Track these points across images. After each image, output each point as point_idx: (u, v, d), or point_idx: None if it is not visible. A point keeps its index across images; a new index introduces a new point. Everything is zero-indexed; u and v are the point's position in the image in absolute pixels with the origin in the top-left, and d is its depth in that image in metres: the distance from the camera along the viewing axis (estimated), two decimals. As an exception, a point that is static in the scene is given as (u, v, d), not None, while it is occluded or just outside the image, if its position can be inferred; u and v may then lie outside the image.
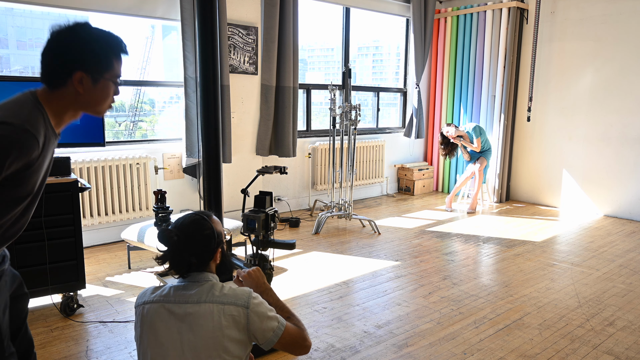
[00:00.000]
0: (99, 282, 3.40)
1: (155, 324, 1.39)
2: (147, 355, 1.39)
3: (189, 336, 1.36)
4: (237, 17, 4.81)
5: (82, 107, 1.30)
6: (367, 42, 7.24)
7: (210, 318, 1.36)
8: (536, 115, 5.98)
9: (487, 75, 6.09)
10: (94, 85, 1.27)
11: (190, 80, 4.38)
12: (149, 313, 1.41)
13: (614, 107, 5.33)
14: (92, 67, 1.25)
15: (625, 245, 4.40)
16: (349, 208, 4.94)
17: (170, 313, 1.38)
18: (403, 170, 6.69)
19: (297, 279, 3.49)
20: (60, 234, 2.80)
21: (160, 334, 1.38)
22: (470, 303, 3.11)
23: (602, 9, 5.31)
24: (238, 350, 1.38)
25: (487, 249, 4.25)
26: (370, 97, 6.56)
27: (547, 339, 2.64)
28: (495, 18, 5.93)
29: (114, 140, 4.41)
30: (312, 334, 2.68)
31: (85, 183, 2.93)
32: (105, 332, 2.68)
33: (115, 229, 4.33)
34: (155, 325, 1.39)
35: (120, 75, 1.33)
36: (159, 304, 1.40)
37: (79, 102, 1.28)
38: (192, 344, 1.35)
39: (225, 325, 1.36)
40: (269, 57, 4.95)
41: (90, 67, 1.25)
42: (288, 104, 5.11)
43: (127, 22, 4.45)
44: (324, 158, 5.76)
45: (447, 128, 5.62)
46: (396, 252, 4.14)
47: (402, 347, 2.54)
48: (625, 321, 2.87)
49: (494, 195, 6.15)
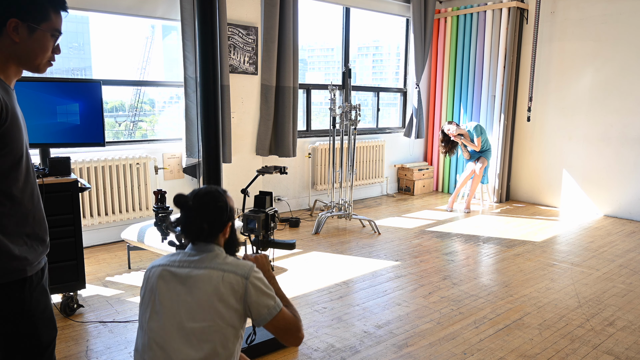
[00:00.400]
0: (99, 282, 3.40)
1: (157, 284, 1.44)
2: (145, 314, 1.43)
3: (187, 298, 1.39)
4: (237, 17, 4.81)
5: (21, 60, 1.30)
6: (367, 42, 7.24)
7: (209, 282, 1.39)
8: (536, 115, 5.98)
9: (487, 75, 6.09)
10: (30, 35, 1.27)
11: (190, 80, 4.38)
12: (154, 275, 1.46)
13: (614, 107, 5.33)
14: (27, 15, 1.25)
15: (625, 245, 4.40)
16: (349, 208, 4.94)
17: (173, 275, 1.43)
18: (403, 170, 6.69)
19: (297, 279, 3.49)
20: (60, 234, 2.80)
21: (160, 293, 1.42)
22: (470, 303, 3.11)
23: (602, 9, 5.31)
24: (233, 319, 1.39)
25: (487, 249, 4.25)
26: (370, 97, 6.56)
27: (547, 339, 2.64)
28: (495, 18, 5.93)
29: (114, 140, 4.41)
30: (312, 334, 2.68)
31: (85, 183, 2.93)
32: (105, 332, 2.68)
33: (115, 229, 4.33)
34: (157, 285, 1.43)
35: (59, 30, 1.32)
36: (165, 267, 1.46)
37: (17, 53, 1.28)
38: (189, 305, 1.38)
39: (222, 291, 1.38)
40: (269, 57, 4.95)
41: (25, 15, 1.24)
42: (288, 104, 5.11)
43: (127, 22, 4.45)
44: (324, 158, 5.76)
45: (448, 126, 5.62)
46: (396, 252, 4.14)
47: (402, 347, 2.54)
48: (625, 321, 2.87)
49: (494, 195, 6.15)
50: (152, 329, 1.40)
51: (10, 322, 1.30)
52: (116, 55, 4.51)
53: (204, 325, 1.37)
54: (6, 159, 1.24)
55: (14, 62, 1.30)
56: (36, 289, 1.35)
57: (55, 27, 1.31)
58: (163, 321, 1.39)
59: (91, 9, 3.99)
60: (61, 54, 1.38)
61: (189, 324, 1.37)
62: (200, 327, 1.37)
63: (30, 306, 1.32)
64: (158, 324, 1.40)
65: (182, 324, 1.38)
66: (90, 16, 4.27)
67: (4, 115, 1.21)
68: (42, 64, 1.33)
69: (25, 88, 2.85)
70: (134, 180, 4.29)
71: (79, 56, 4.45)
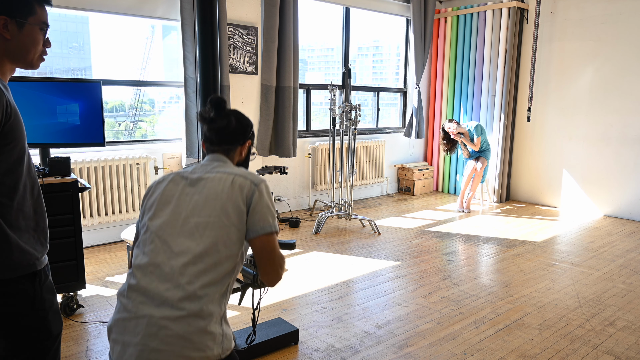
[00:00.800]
0: (99, 282, 3.40)
1: (166, 185, 1.47)
2: (147, 216, 1.44)
3: (195, 196, 1.42)
4: (237, 17, 4.81)
5: (14, 57, 1.33)
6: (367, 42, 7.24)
7: (218, 182, 1.42)
8: (536, 115, 5.98)
9: (487, 75, 6.09)
10: (20, 30, 1.30)
11: (190, 80, 4.38)
12: (164, 180, 1.49)
13: (614, 107, 5.33)
14: (14, 11, 1.29)
15: (625, 245, 4.40)
16: (349, 208, 4.94)
17: (183, 178, 1.47)
18: (403, 170, 6.68)
19: (297, 279, 3.49)
20: (60, 234, 2.80)
21: (167, 194, 1.45)
22: (470, 303, 3.11)
23: (602, 9, 5.31)
24: (237, 220, 1.39)
25: (487, 249, 4.25)
26: (370, 97, 6.56)
27: (547, 339, 2.64)
28: (495, 18, 5.93)
29: (114, 140, 4.41)
30: (312, 334, 2.68)
31: (85, 183, 2.93)
32: (105, 332, 2.67)
33: (115, 229, 4.33)
34: (166, 187, 1.46)
35: (46, 22, 1.36)
36: (177, 173, 1.50)
37: (9, 50, 1.31)
38: (195, 202, 1.41)
39: (230, 191, 1.40)
40: (269, 57, 4.95)
41: (12, 12, 1.28)
42: (288, 104, 5.11)
43: (127, 22, 4.45)
44: (324, 158, 5.76)
45: (449, 124, 5.62)
46: (396, 252, 4.14)
47: (402, 347, 2.54)
48: (625, 321, 2.87)
49: (494, 195, 6.15)
50: (154, 225, 1.41)
51: (22, 316, 1.33)
52: (116, 55, 4.51)
53: (208, 220, 1.37)
54: (13, 153, 1.28)
55: (7, 60, 1.33)
56: (44, 285, 1.38)
57: (42, 20, 1.35)
58: (167, 217, 1.41)
59: (91, 9, 3.99)
60: (61, 54, 1.40)
61: (193, 219, 1.38)
62: (204, 221, 1.37)
63: (41, 300, 1.35)
64: (161, 220, 1.41)
65: (187, 219, 1.39)
66: (90, 16, 4.27)
67: (9, 111, 1.25)
68: (34, 58, 1.36)
69: (25, 88, 2.85)
70: (134, 180, 4.29)
71: (79, 56, 4.45)
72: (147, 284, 1.33)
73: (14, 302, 1.31)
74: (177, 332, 1.28)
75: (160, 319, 1.29)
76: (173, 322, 1.29)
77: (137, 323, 1.30)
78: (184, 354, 1.28)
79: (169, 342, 1.28)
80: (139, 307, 1.31)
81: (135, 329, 1.30)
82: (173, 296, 1.30)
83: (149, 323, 1.29)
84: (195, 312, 1.30)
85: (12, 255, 1.27)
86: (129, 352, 1.30)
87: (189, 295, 1.30)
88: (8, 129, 1.25)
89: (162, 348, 1.27)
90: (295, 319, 2.86)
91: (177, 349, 1.28)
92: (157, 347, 1.27)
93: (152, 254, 1.36)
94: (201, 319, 1.30)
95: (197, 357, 1.29)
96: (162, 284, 1.32)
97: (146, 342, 1.28)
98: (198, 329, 1.30)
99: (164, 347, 1.27)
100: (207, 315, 1.31)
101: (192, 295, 1.30)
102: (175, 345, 1.28)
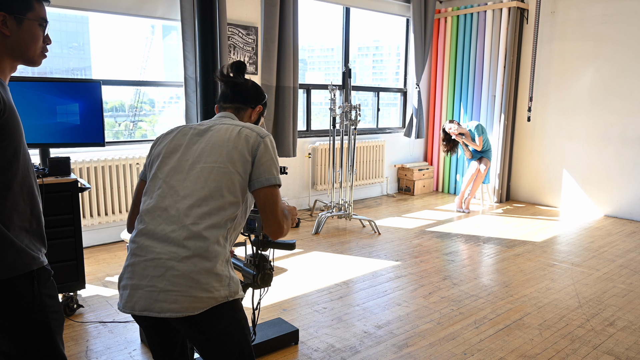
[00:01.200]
0: (98, 282, 3.40)
1: (175, 135, 1.52)
2: (158, 158, 1.49)
3: (201, 144, 1.46)
4: (237, 17, 4.81)
5: (14, 53, 1.34)
6: (367, 42, 7.23)
7: (225, 131, 1.48)
8: (536, 115, 5.97)
9: (487, 75, 6.09)
10: (19, 26, 1.31)
11: (190, 80, 4.38)
12: (172, 131, 1.54)
13: (614, 107, 5.33)
14: (12, 7, 1.29)
15: (625, 245, 4.40)
16: (349, 208, 4.94)
17: (191, 129, 1.52)
18: (403, 170, 6.68)
19: (297, 279, 3.49)
20: (60, 234, 2.80)
21: (176, 142, 1.50)
22: (471, 303, 3.11)
23: (602, 9, 5.31)
24: (241, 168, 1.43)
25: (487, 249, 4.25)
26: (370, 97, 6.56)
27: (547, 339, 2.64)
28: (495, 18, 5.93)
29: (113, 140, 4.41)
30: (312, 334, 2.68)
31: (85, 183, 2.93)
32: (105, 332, 2.67)
33: (115, 229, 4.33)
34: (174, 137, 1.52)
35: (45, 18, 1.37)
36: (185, 125, 1.55)
37: (9, 47, 1.32)
38: (202, 148, 1.45)
39: (237, 140, 1.45)
40: (269, 57, 4.95)
41: (10, 8, 1.29)
42: (288, 104, 5.11)
43: (127, 22, 4.45)
44: (324, 158, 5.75)
45: (450, 125, 5.62)
46: (396, 252, 4.14)
47: (402, 348, 2.54)
48: (625, 321, 2.87)
49: (494, 195, 6.14)
50: (162, 171, 1.46)
51: (22, 316, 1.32)
52: (116, 55, 4.51)
53: (213, 165, 1.41)
54: (6, 151, 1.27)
55: (8, 57, 1.33)
56: (46, 285, 1.37)
57: (41, 16, 1.35)
58: (174, 163, 1.45)
59: (91, 9, 3.99)
60: (61, 54, 1.40)
61: (199, 164, 1.42)
62: (210, 166, 1.41)
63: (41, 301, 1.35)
64: (168, 166, 1.46)
65: (193, 165, 1.43)
66: (90, 16, 4.27)
67: (2, 107, 1.24)
68: (36, 55, 1.37)
69: (25, 88, 2.85)
70: (134, 180, 4.29)
71: (79, 56, 4.45)
72: (155, 226, 1.37)
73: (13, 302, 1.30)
74: (184, 272, 1.31)
75: (167, 260, 1.32)
76: (179, 263, 1.32)
77: (145, 266, 1.34)
78: (191, 294, 1.31)
79: (176, 282, 1.31)
80: (147, 249, 1.35)
81: (143, 271, 1.34)
82: (178, 236, 1.34)
83: (157, 265, 1.32)
84: (200, 252, 1.33)
85: (5, 254, 1.26)
86: (138, 294, 1.33)
87: (193, 235, 1.34)
88: (3, 123, 1.25)
89: (170, 289, 1.30)
90: (295, 319, 2.86)
91: (184, 289, 1.30)
92: (165, 288, 1.31)
93: (159, 199, 1.41)
94: (207, 260, 1.33)
95: (204, 297, 1.32)
96: (169, 226, 1.36)
97: (154, 284, 1.31)
98: (204, 269, 1.33)
99: (171, 287, 1.30)
100: (212, 257, 1.34)
101: (196, 235, 1.34)
102: (182, 285, 1.31)
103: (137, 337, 2.62)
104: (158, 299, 1.30)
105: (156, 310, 1.30)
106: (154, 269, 1.32)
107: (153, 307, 1.30)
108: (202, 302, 1.31)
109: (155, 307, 1.30)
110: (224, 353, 1.38)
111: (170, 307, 1.30)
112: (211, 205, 1.37)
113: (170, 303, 1.30)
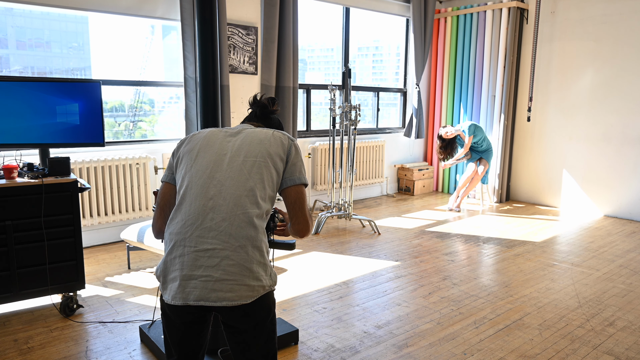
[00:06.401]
0: (98, 282, 3.40)
1: (207, 134, 1.55)
2: (191, 152, 1.51)
3: (237, 141, 1.51)
4: (237, 17, 4.81)
5: None
6: (367, 42, 7.23)
7: (259, 132, 1.54)
8: (536, 115, 5.97)
9: (487, 75, 6.09)
10: None
11: (190, 80, 4.38)
12: (202, 132, 1.57)
13: (614, 107, 5.33)
14: None
15: (625, 245, 4.40)
16: (348, 208, 4.94)
17: (221, 130, 1.57)
18: (403, 170, 6.68)
19: (297, 279, 3.49)
20: (59, 234, 2.79)
21: (210, 138, 1.53)
22: (470, 303, 3.11)
23: (602, 9, 5.31)
24: (279, 165, 1.50)
25: (487, 249, 4.25)
26: (370, 97, 6.56)
27: (547, 339, 2.64)
28: (495, 18, 5.93)
29: (113, 141, 4.41)
30: (312, 334, 2.68)
31: (84, 183, 2.93)
32: (105, 332, 2.67)
33: (115, 229, 4.32)
34: (207, 135, 1.55)
35: None
36: (214, 128, 1.60)
37: None
38: (240, 144, 1.50)
39: (272, 139, 1.52)
40: (268, 57, 4.95)
41: None
42: (288, 104, 5.10)
43: (127, 22, 4.45)
44: (324, 158, 5.75)
45: (444, 129, 5.62)
46: (396, 252, 4.14)
47: (402, 348, 2.54)
48: (625, 321, 2.87)
49: (494, 195, 6.14)
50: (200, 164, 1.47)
51: None
52: (116, 55, 4.51)
53: (254, 159, 1.46)
54: None
55: None
56: None
57: None
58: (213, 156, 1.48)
59: (91, 9, 3.99)
60: (61, 54, 1.39)
61: (240, 158, 1.47)
62: (252, 160, 1.46)
63: None
64: (206, 159, 1.48)
65: (233, 158, 1.47)
66: (89, 16, 4.27)
67: None
68: None
69: (25, 88, 2.85)
70: (133, 181, 4.29)
71: (79, 56, 4.45)
72: (203, 217, 1.39)
73: None
74: (238, 261, 1.34)
75: (221, 250, 1.35)
76: (233, 252, 1.35)
77: (196, 256, 1.35)
78: (245, 282, 1.34)
79: (230, 271, 1.34)
80: (197, 240, 1.36)
81: (195, 262, 1.35)
82: (230, 225, 1.37)
83: (211, 255, 1.35)
84: (252, 241, 1.37)
85: None
86: (192, 284, 1.34)
87: (245, 224, 1.37)
88: None
89: (225, 278, 1.33)
90: (295, 319, 2.86)
91: (238, 278, 1.34)
92: (220, 277, 1.33)
93: (201, 189, 1.43)
94: (257, 249, 1.38)
95: (255, 285, 1.36)
96: (218, 215, 1.38)
97: (209, 273, 1.33)
98: (255, 259, 1.37)
99: (226, 277, 1.33)
100: (261, 246, 1.39)
101: (248, 225, 1.38)
102: (236, 274, 1.34)
103: (137, 337, 2.62)
104: (214, 288, 1.33)
105: (212, 300, 1.33)
106: (209, 259, 1.34)
107: (209, 296, 1.33)
108: (254, 291, 1.35)
109: (211, 297, 1.33)
110: (257, 342, 1.42)
111: (226, 296, 1.33)
112: (257, 196, 1.42)
113: (226, 292, 1.33)
